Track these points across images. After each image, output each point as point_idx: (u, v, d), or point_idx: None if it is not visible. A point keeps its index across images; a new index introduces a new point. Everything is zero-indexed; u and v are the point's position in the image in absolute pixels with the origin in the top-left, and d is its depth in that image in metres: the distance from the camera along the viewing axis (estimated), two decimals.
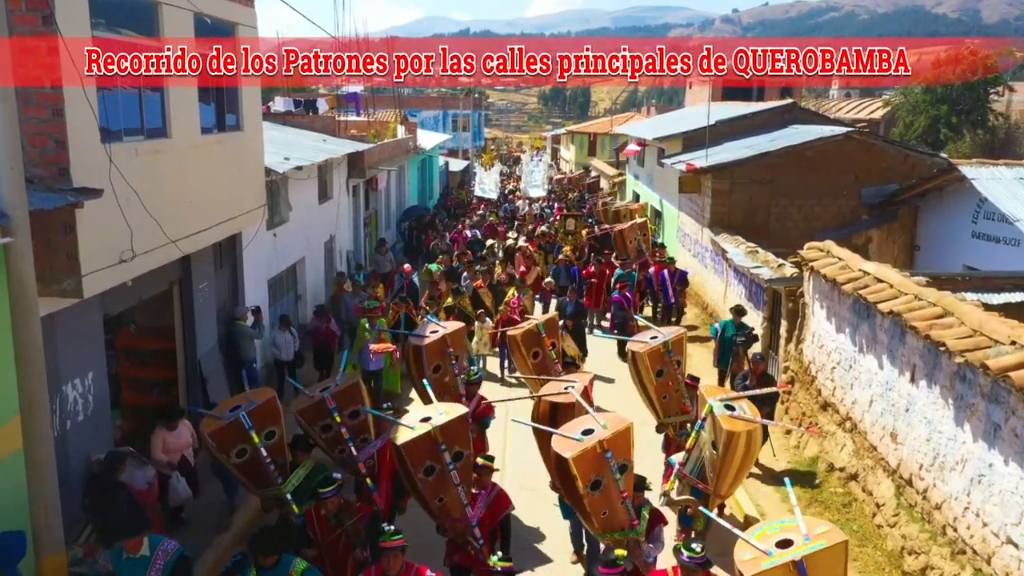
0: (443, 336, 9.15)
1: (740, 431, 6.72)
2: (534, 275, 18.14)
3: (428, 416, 6.65)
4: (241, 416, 7.19)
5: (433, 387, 8.51)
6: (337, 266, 18.91)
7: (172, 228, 8.72)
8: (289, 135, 17.96)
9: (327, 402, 7.67)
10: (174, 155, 8.95)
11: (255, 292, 12.94)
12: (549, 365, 9.77)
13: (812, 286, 11.37)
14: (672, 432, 8.96)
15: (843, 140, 17.57)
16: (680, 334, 9.10)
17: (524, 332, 10.00)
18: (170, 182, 8.85)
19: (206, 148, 9.88)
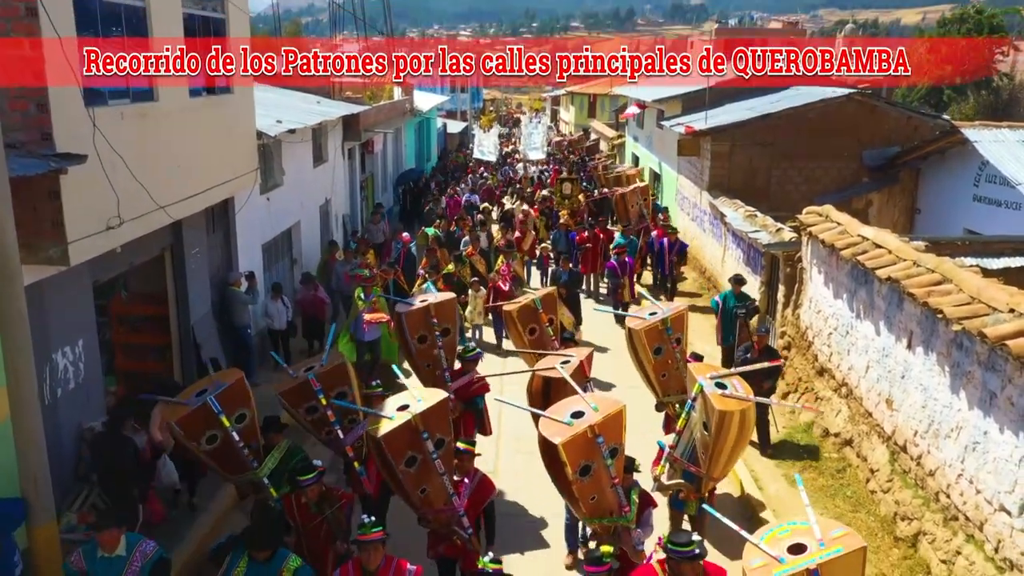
0: (427, 306, 8.80)
1: (733, 410, 6.39)
2: (529, 241, 17.89)
3: (406, 404, 6.31)
4: (209, 400, 6.73)
5: (419, 357, 8.37)
6: (333, 230, 18.78)
7: (161, 194, 8.59)
8: (282, 97, 17.67)
9: (311, 383, 7.26)
10: (162, 119, 8.78)
11: (249, 257, 12.83)
12: (546, 341, 9.49)
13: (810, 251, 11.26)
14: (673, 411, 8.58)
15: (845, 101, 17.32)
16: (680, 311, 8.71)
17: (520, 307, 9.64)
18: (158, 146, 8.71)
19: (195, 111, 9.70)
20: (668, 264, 16.26)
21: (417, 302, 9.04)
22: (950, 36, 26.45)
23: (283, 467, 7.08)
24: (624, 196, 19.13)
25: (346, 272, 13.90)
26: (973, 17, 26.44)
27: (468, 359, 8.87)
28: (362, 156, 22.71)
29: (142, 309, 10.79)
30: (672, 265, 16.28)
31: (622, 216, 18.82)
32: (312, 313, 13.30)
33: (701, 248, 18.59)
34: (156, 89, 8.59)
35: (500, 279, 14.01)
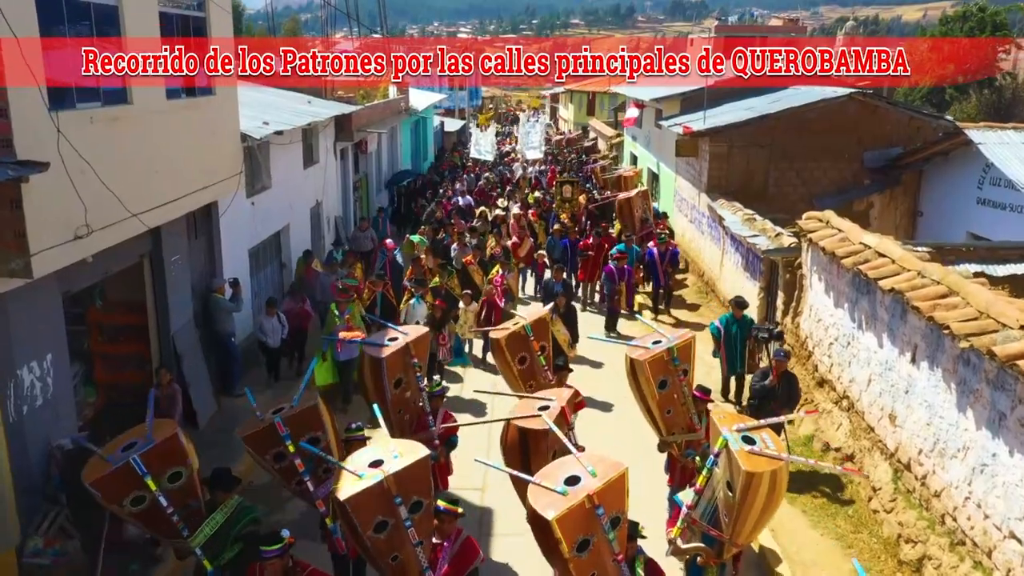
0: (405, 345, 7.67)
1: (762, 471, 5.41)
2: (527, 247, 17.14)
3: (379, 459, 5.38)
4: (132, 461, 5.75)
5: (393, 404, 7.38)
6: (324, 232, 18.46)
7: (135, 200, 8.27)
8: (271, 97, 17.34)
9: (277, 428, 6.32)
10: (136, 122, 8.44)
11: (234, 262, 12.50)
12: (538, 372, 8.38)
13: (810, 258, 10.93)
14: (677, 451, 7.73)
15: (846, 101, 16.97)
16: (687, 339, 7.64)
17: (509, 335, 8.39)
18: (132, 151, 8.38)
19: (173, 114, 9.36)
20: (663, 273, 15.69)
21: (387, 341, 7.74)
22: (952, 34, 26.07)
23: (226, 531, 6.25)
24: (629, 201, 18.18)
25: (333, 282, 13.19)
26: (976, 15, 26.07)
27: (435, 395, 7.99)
28: (355, 156, 22.37)
29: (121, 318, 10.45)
30: (667, 276, 15.74)
31: (627, 222, 17.96)
32: (296, 325, 12.52)
33: (699, 251, 18.25)
34: (130, 91, 8.26)
35: (496, 293, 12.99)
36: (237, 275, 12.62)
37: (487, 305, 12.76)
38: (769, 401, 8.68)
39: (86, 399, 10.30)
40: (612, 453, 5.50)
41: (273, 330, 11.95)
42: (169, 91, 9.19)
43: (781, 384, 8.74)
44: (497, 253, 15.52)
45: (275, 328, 11.95)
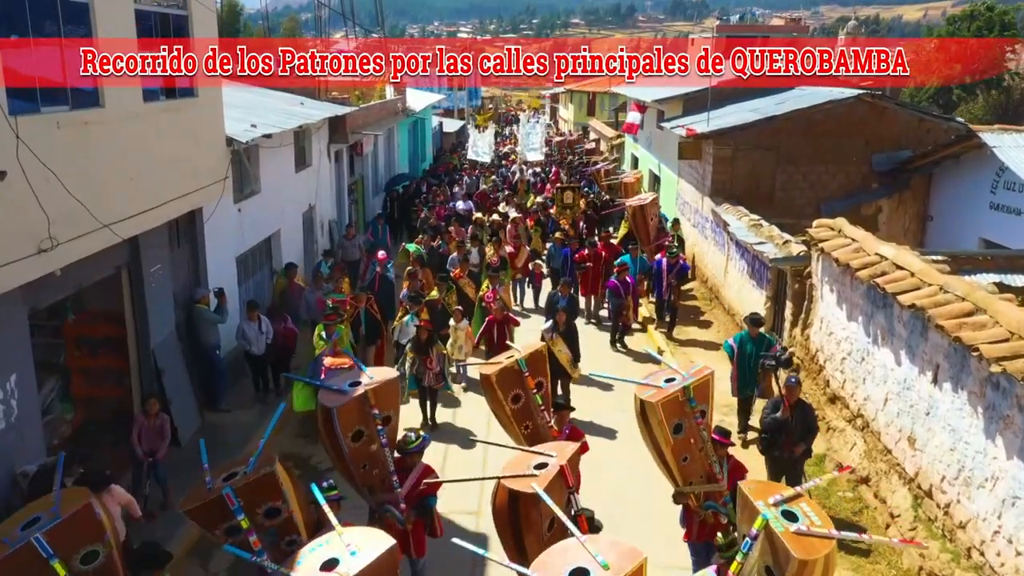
0: (364, 394, 6.42)
1: (816, 557, 4.37)
2: (523, 256, 16.31)
3: (333, 559, 4.43)
4: (34, 541, 4.80)
5: (354, 459, 6.40)
6: (318, 237, 17.98)
7: (107, 210, 7.80)
8: (262, 98, 16.87)
9: (226, 500, 5.34)
10: (109, 127, 7.97)
11: (221, 271, 12.02)
12: (534, 412, 7.31)
13: (821, 268, 10.45)
14: (695, 503, 6.78)
15: (854, 103, 16.46)
16: (705, 376, 6.58)
17: (501, 371, 7.21)
18: (104, 158, 7.91)
19: (151, 117, 8.89)
20: (667, 287, 14.51)
21: (346, 384, 6.55)
22: (959, 34, 25.57)
23: None
24: (643, 209, 16.61)
25: (319, 297, 12.47)
26: (983, 14, 25.57)
27: (411, 451, 6.84)
28: (351, 158, 21.89)
29: (99, 330, 9.99)
30: (671, 289, 14.50)
31: (640, 233, 16.61)
32: (280, 344, 11.67)
33: (703, 256, 17.76)
34: (101, 93, 7.79)
35: (498, 309, 11.81)
36: (224, 284, 12.15)
37: (492, 325, 11.47)
38: (782, 435, 7.95)
39: (63, 415, 9.84)
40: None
41: (256, 337, 11.27)
42: (146, 93, 8.72)
43: (795, 415, 7.93)
44: (495, 263, 14.74)
45: (256, 334, 11.26)
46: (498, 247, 15.64)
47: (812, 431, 8.08)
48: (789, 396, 7.96)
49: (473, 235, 17.06)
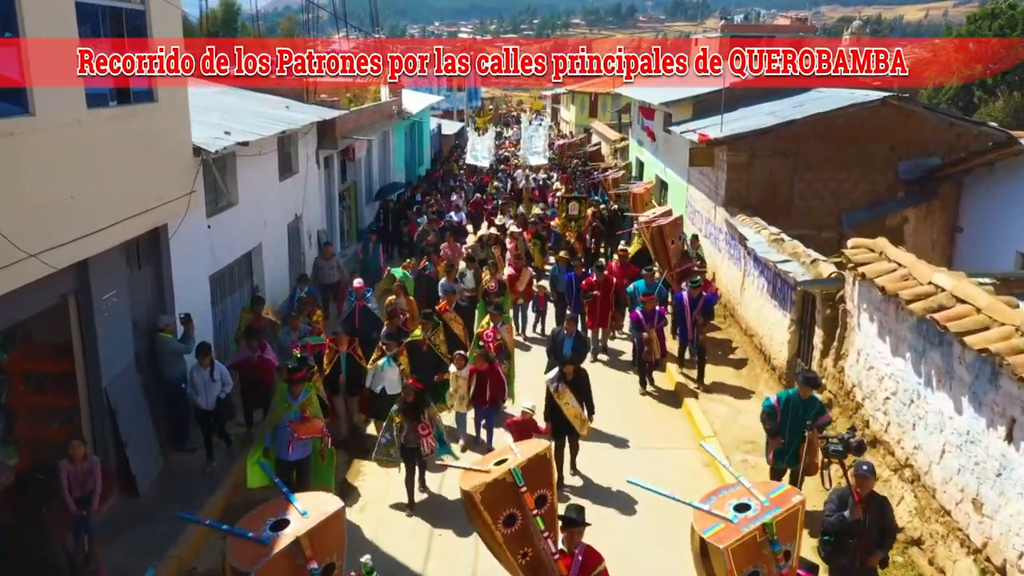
0: (294, 542, 4.39)
1: None
2: (525, 279, 14.40)
3: None
4: None
5: None
6: (305, 248, 16.85)
7: (39, 235, 6.70)
8: (245, 101, 15.78)
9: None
10: (42, 138, 6.85)
11: (192, 292, 10.90)
12: (534, 536, 5.37)
13: (858, 293, 9.31)
14: None
15: (879, 106, 15.34)
16: (793, 507, 4.80)
17: (488, 487, 5.24)
18: (37, 175, 6.79)
19: (97, 126, 7.76)
20: (691, 324, 12.32)
21: (267, 529, 4.48)
22: (980, 33, 24.47)
23: None
24: (661, 231, 14.14)
25: (294, 341, 10.63)
26: (1005, 12, 24.46)
27: None
28: (342, 164, 20.79)
29: (46, 366, 8.86)
30: (696, 328, 12.27)
31: (659, 257, 14.34)
32: (256, 377, 10.20)
33: (715, 270, 16.61)
34: (31, 97, 6.66)
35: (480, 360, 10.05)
36: (196, 305, 11.04)
37: (476, 376, 9.92)
38: (851, 539, 6.25)
39: (4, 460, 8.73)
40: None
41: (205, 385, 9.39)
42: (91, 97, 7.59)
43: (868, 514, 6.21)
44: (492, 289, 13.11)
45: (208, 383, 9.38)
46: (495, 270, 13.91)
47: (890, 534, 6.48)
48: (861, 488, 6.27)
49: (468, 255, 15.14)
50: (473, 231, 20.50)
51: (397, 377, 9.77)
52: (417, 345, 10.27)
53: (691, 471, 10.11)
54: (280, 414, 8.33)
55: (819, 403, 8.15)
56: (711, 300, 12.81)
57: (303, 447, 8.29)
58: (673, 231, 14.38)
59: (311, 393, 8.52)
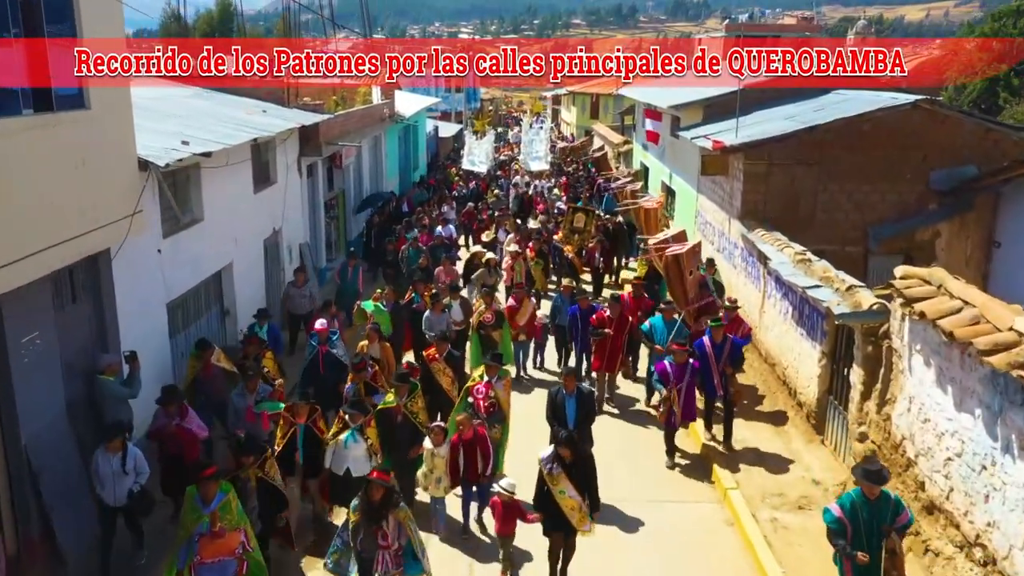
0: None
1: None
2: (527, 312, 12.34)
3: None
4: None
5: None
6: (285, 264, 15.53)
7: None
8: (215, 105, 14.49)
9: None
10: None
11: (143, 324, 9.60)
12: None
13: (909, 331, 7.99)
14: None
15: (910, 110, 14.03)
16: None
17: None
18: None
19: (6, 138, 6.46)
20: (719, 375, 10.12)
21: None
22: (1005, 32, 23.17)
23: None
24: (677, 260, 12.00)
25: (249, 407, 8.68)
26: None
27: None
28: (329, 171, 19.50)
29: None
30: (724, 380, 10.12)
31: (675, 289, 12.24)
32: (176, 453, 8.19)
33: (730, 289, 15.21)
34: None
35: (466, 426, 8.04)
36: (150, 339, 9.78)
37: (461, 448, 7.95)
38: None
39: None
40: None
41: (112, 477, 7.35)
42: None
43: None
44: (488, 320, 11.37)
45: (116, 473, 7.37)
46: (490, 300, 11.84)
47: None
48: None
49: (452, 284, 12.92)
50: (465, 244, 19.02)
51: (364, 455, 7.85)
52: (389, 414, 8.37)
53: (711, 529, 8.85)
54: (190, 525, 6.37)
55: (894, 500, 6.39)
56: (739, 345, 10.56)
57: (219, 570, 6.22)
58: (691, 260, 12.33)
59: (229, 497, 6.50)
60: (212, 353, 9.59)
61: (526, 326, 12.45)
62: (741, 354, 10.72)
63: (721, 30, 45.87)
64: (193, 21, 56.63)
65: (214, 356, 9.57)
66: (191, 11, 62.34)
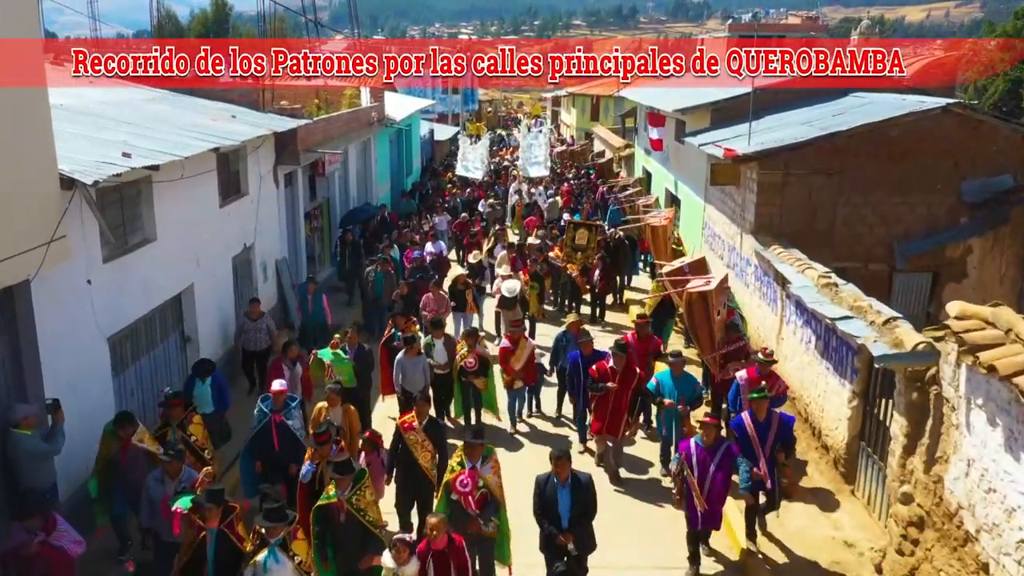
0: None
1: None
2: (525, 355, 10.50)
3: None
4: None
5: None
6: (258, 283, 14.28)
7: None
8: (177, 110, 13.25)
9: None
10: None
11: (78, 363, 8.38)
12: None
13: (966, 381, 6.75)
14: None
15: (940, 115, 12.79)
16: None
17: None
18: None
19: None
20: (766, 468, 7.79)
21: None
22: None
23: None
24: (706, 299, 10.02)
25: (165, 499, 6.87)
26: None
27: None
28: (311, 180, 18.28)
29: None
30: (773, 467, 7.85)
31: (699, 333, 10.33)
32: None
33: (741, 306, 13.97)
34: None
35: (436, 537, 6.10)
36: (87, 379, 8.57)
37: (430, 559, 6.05)
38: None
39: None
40: None
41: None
42: None
43: None
44: (471, 366, 9.79)
45: None
46: (473, 341, 10.18)
47: None
48: None
49: (435, 320, 10.78)
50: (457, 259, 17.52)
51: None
52: (330, 513, 6.62)
53: None
54: None
55: None
56: (789, 423, 8.23)
57: None
58: (719, 298, 10.27)
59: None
60: (133, 431, 7.68)
61: (523, 371, 10.61)
62: (792, 433, 8.28)
63: (722, 31, 44.64)
64: (188, 22, 55.70)
65: (136, 435, 7.67)
66: (186, 11, 61.19)
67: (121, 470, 7.54)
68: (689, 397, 8.95)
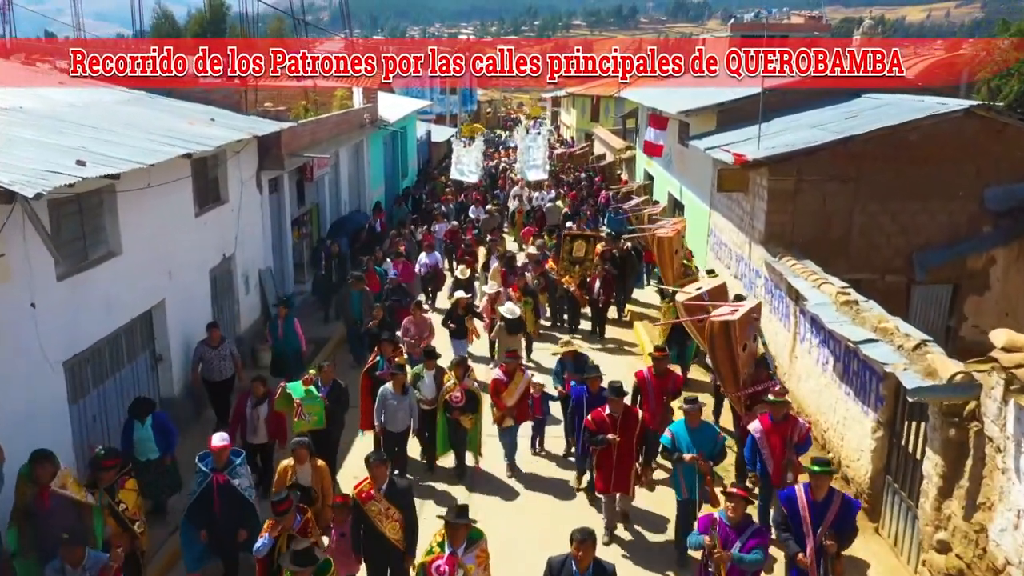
0: None
1: None
2: (519, 390, 9.28)
3: None
4: None
5: None
6: (239, 295, 13.52)
7: None
8: (150, 112, 12.48)
9: None
10: None
11: (22, 394, 7.57)
12: None
13: (1016, 421, 5.97)
14: None
15: (963, 118, 12.02)
16: None
17: None
18: None
19: None
20: (813, 553, 6.19)
21: None
22: None
23: None
24: (729, 330, 8.65)
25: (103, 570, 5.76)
26: None
27: None
28: (298, 185, 17.52)
29: None
30: (823, 559, 6.21)
31: (723, 369, 9.05)
32: None
33: None
34: None
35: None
36: (38, 410, 7.79)
37: None
38: None
39: None
40: None
41: None
42: None
43: None
44: (457, 400, 8.69)
45: None
46: (463, 371, 9.05)
47: None
48: None
49: (428, 350, 9.63)
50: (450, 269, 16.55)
51: None
52: None
53: None
54: None
55: None
56: (854, 509, 6.41)
57: None
58: (745, 331, 8.83)
59: None
60: (53, 473, 6.35)
61: (517, 409, 9.35)
62: (855, 523, 6.41)
63: (723, 31, 43.82)
64: (185, 22, 54.96)
65: (57, 479, 6.35)
66: (184, 11, 60.48)
67: (40, 521, 6.42)
68: (709, 452, 7.48)
